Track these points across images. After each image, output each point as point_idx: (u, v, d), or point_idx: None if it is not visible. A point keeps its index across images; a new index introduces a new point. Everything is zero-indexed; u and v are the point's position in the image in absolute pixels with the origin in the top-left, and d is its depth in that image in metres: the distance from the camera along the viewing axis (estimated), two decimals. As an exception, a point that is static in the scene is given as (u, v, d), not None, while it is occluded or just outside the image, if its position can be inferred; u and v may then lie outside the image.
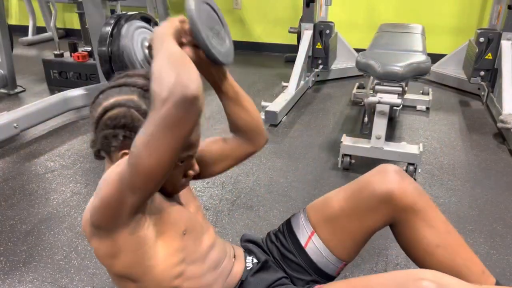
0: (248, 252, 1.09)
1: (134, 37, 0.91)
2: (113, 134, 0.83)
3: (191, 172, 0.90)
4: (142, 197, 0.76)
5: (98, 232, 0.82)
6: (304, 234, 1.09)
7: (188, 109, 0.67)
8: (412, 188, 1.02)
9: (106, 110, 0.83)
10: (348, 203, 1.05)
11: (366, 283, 0.86)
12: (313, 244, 1.07)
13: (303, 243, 1.08)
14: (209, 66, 0.90)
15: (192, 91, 0.66)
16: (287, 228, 1.13)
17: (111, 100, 0.83)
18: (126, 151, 0.81)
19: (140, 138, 0.70)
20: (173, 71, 0.68)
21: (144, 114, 0.80)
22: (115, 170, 0.77)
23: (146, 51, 0.93)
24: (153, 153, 0.69)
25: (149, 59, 0.89)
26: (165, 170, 0.72)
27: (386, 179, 1.02)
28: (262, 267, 1.04)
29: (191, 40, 0.85)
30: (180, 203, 0.95)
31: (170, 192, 0.92)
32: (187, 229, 0.90)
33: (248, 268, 1.04)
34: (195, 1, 0.84)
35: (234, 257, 1.04)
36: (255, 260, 1.06)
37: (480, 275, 0.95)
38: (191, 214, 0.96)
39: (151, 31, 0.94)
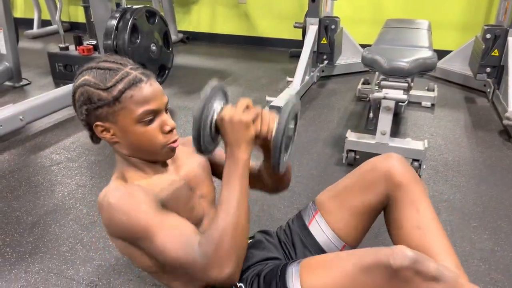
0: (252, 237, 1.14)
1: (213, 101, 0.90)
2: (80, 113, 0.94)
3: (166, 127, 0.93)
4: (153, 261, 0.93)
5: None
6: (310, 214, 1.15)
7: (213, 285, 0.85)
8: (410, 172, 1.07)
9: (73, 94, 0.94)
10: (350, 181, 1.12)
11: (349, 253, 0.90)
12: (316, 223, 1.12)
13: (307, 222, 1.14)
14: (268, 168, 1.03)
15: (230, 283, 0.85)
16: (296, 215, 1.19)
17: (75, 84, 0.93)
18: (97, 123, 0.92)
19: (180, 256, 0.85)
20: (229, 256, 0.83)
21: (95, 85, 0.89)
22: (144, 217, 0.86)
23: (214, 117, 0.90)
24: (164, 265, 0.89)
25: (213, 131, 0.90)
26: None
27: (389, 161, 1.08)
28: (253, 245, 1.07)
29: (265, 142, 0.94)
30: (188, 186, 1.01)
31: (160, 158, 0.97)
32: (195, 207, 0.99)
33: None
34: (284, 124, 0.89)
35: None
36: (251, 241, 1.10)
37: (454, 268, 0.95)
38: (193, 198, 1.01)
39: (226, 95, 0.95)
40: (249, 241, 1.09)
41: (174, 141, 0.95)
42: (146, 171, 0.98)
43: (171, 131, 0.94)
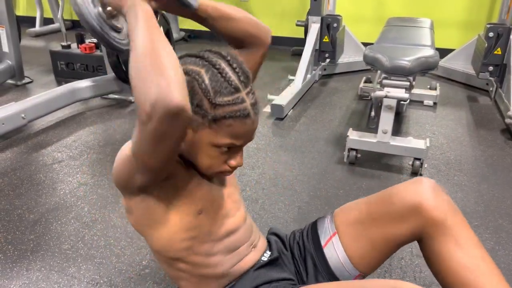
0: (270, 246, 1.08)
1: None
2: None
3: (232, 162, 0.87)
4: (150, 179, 0.82)
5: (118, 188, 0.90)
6: (327, 234, 1.06)
7: (173, 122, 0.65)
8: (445, 203, 0.96)
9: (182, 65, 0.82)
10: (375, 208, 1.01)
11: (351, 285, 0.86)
12: (332, 246, 1.04)
13: (323, 243, 1.05)
14: (179, 8, 0.88)
15: (176, 102, 0.63)
16: (312, 228, 1.10)
17: (188, 63, 0.83)
18: None
19: (134, 144, 0.73)
20: (153, 74, 0.64)
21: (205, 90, 0.79)
22: (126, 149, 0.81)
23: (99, 8, 0.84)
24: (148, 159, 0.74)
25: (103, 16, 0.84)
26: (166, 165, 0.78)
27: (419, 190, 0.96)
28: (269, 263, 1.03)
29: None
30: (212, 183, 0.95)
31: (204, 174, 0.90)
32: (204, 210, 0.91)
33: (261, 261, 1.03)
34: None
35: (254, 246, 1.03)
36: (268, 254, 1.05)
37: None
38: (219, 196, 0.96)
39: None
40: (267, 256, 1.04)
41: (230, 173, 0.91)
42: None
43: (235, 167, 0.89)
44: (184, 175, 0.88)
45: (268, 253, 1.06)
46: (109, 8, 0.84)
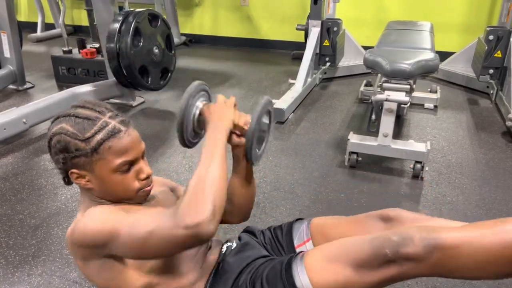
0: (229, 240, 1.14)
1: (196, 98, 1.01)
2: (56, 160, 0.93)
3: (141, 175, 0.94)
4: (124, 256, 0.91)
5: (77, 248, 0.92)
6: (301, 237, 1.13)
7: (195, 242, 0.79)
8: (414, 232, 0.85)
9: (48, 141, 0.94)
10: (350, 230, 1.08)
11: (353, 239, 0.91)
12: (305, 249, 1.10)
13: (296, 244, 1.13)
14: (244, 155, 1.02)
15: (211, 234, 0.77)
16: (288, 228, 1.17)
17: (51, 130, 0.93)
18: (73, 170, 0.91)
19: (137, 231, 0.82)
20: (210, 202, 0.78)
21: (72, 135, 0.88)
22: (115, 218, 0.86)
23: (197, 113, 1.00)
24: (147, 253, 0.84)
25: (195, 125, 1.00)
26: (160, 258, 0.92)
27: (393, 224, 1.04)
28: (242, 247, 1.08)
29: (240, 134, 1.00)
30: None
31: (134, 202, 0.97)
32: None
33: (223, 252, 1.08)
34: (257, 116, 0.97)
35: (210, 246, 1.10)
36: (234, 245, 1.10)
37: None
38: None
39: (208, 94, 1.06)
40: (232, 243, 1.10)
41: (149, 186, 0.97)
42: None
43: (147, 178, 0.95)
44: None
45: (227, 244, 1.11)
46: (201, 116, 1.00)
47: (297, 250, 1.11)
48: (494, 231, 0.81)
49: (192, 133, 1.01)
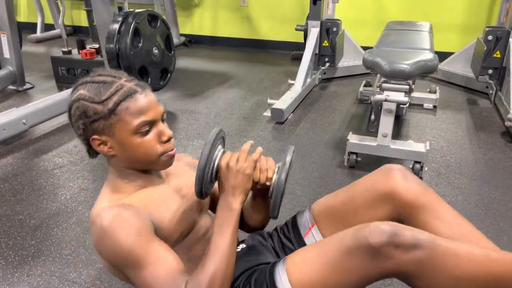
0: (242, 241, 1.14)
1: (216, 148, 0.96)
2: (76, 127, 0.93)
3: (163, 138, 0.94)
4: None
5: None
6: (306, 226, 1.13)
7: None
8: (415, 185, 1.03)
9: (68, 109, 0.94)
10: (350, 198, 1.08)
11: (331, 239, 0.91)
12: (312, 236, 1.10)
13: (303, 233, 1.12)
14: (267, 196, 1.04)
15: None
16: (292, 221, 1.17)
17: (71, 98, 0.93)
18: (94, 136, 0.91)
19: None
20: (223, 272, 0.84)
21: (90, 99, 0.89)
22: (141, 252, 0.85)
23: (215, 165, 0.95)
24: None
25: (213, 178, 0.95)
26: None
27: (389, 178, 1.04)
28: (247, 251, 1.08)
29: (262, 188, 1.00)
30: (180, 197, 1.02)
31: (158, 167, 0.97)
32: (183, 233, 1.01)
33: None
34: (286, 175, 0.96)
35: None
36: (239, 249, 1.10)
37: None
38: (185, 209, 1.02)
39: (224, 140, 1.02)
40: (242, 246, 1.10)
41: (171, 150, 0.96)
42: (140, 183, 0.98)
43: (168, 140, 0.94)
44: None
45: (241, 246, 1.11)
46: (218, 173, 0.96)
47: (305, 239, 1.11)
48: (487, 256, 0.83)
49: (209, 184, 0.95)
